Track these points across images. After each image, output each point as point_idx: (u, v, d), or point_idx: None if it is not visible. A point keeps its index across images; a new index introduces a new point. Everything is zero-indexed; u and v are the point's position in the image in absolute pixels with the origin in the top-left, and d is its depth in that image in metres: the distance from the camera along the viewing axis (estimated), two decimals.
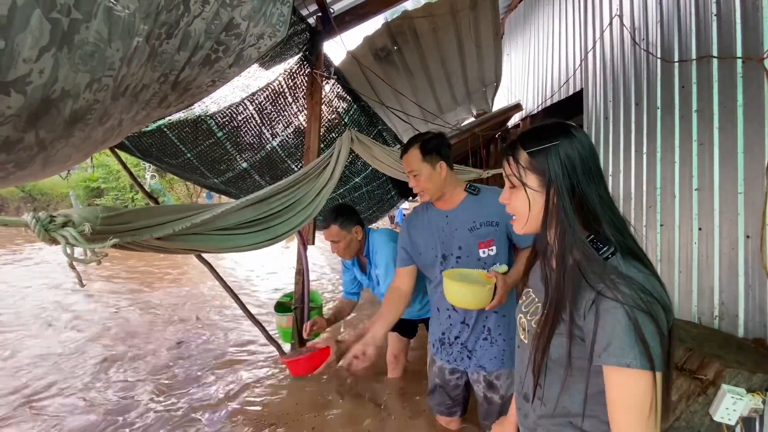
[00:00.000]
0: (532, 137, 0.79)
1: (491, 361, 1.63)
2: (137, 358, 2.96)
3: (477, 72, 4.52)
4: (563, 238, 0.75)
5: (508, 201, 0.84)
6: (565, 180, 0.74)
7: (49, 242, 0.54)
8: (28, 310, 4.12)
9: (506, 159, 0.82)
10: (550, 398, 0.80)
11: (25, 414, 2.18)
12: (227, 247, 1.01)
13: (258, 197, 1.13)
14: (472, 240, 1.56)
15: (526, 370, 0.86)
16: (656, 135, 2.31)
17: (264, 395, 2.47)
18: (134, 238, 0.72)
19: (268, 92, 2.74)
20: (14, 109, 0.92)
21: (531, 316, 0.86)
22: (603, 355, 0.68)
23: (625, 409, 0.67)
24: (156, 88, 1.50)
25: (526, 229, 0.82)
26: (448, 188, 1.62)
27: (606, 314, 0.68)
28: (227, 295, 2.60)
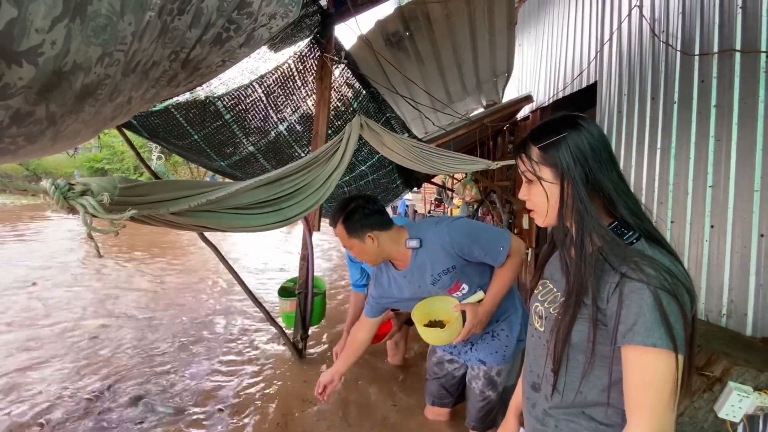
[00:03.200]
0: (541, 132, 0.81)
1: (492, 355, 1.61)
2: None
3: (489, 61, 4.44)
4: (581, 226, 0.75)
5: (527, 196, 0.85)
6: (578, 169, 0.75)
7: (67, 211, 0.53)
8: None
9: (519, 157, 0.84)
10: (566, 387, 0.79)
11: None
12: (239, 226, 1.01)
13: (269, 178, 1.12)
14: (440, 291, 1.53)
15: (540, 359, 0.86)
16: (671, 130, 2.27)
17: (268, 378, 2.50)
18: (150, 212, 0.72)
19: (277, 75, 2.71)
20: (26, 80, 0.90)
21: (549, 304, 0.85)
22: (628, 335, 0.67)
23: (646, 390, 0.66)
24: (166, 65, 1.48)
25: (547, 221, 0.83)
26: (392, 251, 1.53)
27: (632, 295, 0.67)
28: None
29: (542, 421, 0.86)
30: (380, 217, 1.51)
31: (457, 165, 2.45)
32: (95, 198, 0.52)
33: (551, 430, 0.83)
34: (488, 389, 1.62)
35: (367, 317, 1.71)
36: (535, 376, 0.89)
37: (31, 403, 2.07)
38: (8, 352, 2.64)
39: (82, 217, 0.52)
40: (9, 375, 2.34)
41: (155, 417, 2.02)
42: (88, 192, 0.53)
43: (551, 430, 0.83)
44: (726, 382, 1.31)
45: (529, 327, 0.95)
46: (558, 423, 0.82)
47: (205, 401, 2.20)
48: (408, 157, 2.24)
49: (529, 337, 0.94)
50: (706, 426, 1.38)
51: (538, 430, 0.87)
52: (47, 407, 2.05)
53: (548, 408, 0.84)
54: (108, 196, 0.53)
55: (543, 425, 0.85)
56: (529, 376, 0.92)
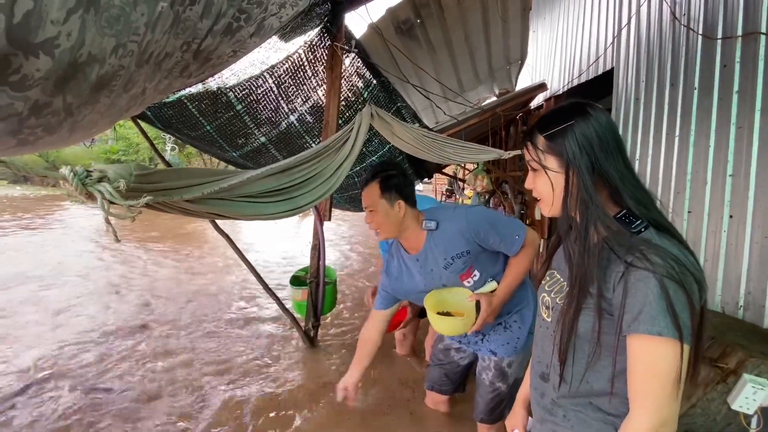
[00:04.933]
0: (547, 121, 0.80)
1: (504, 347, 1.60)
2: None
3: (502, 48, 4.36)
4: (585, 215, 0.75)
5: (533, 185, 0.84)
6: (583, 158, 0.74)
7: (85, 197, 0.55)
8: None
9: (525, 145, 0.83)
10: (573, 377, 0.79)
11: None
12: (251, 214, 1.02)
13: (281, 167, 1.13)
14: (452, 276, 1.52)
15: (548, 349, 0.86)
16: (691, 117, 2.20)
17: (280, 366, 2.55)
18: (165, 198, 0.74)
19: (288, 65, 2.71)
20: (43, 72, 0.92)
21: (555, 294, 0.85)
22: (633, 324, 0.67)
23: (650, 379, 0.66)
24: (178, 56, 1.50)
25: (552, 210, 0.82)
26: (410, 229, 1.54)
27: (637, 284, 0.67)
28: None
29: (550, 411, 0.86)
30: (412, 192, 1.54)
31: (469, 155, 2.43)
32: (112, 184, 0.54)
33: (559, 419, 0.84)
34: (498, 380, 1.61)
35: (378, 310, 1.70)
36: (543, 366, 0.89)
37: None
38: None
39: (100, 203, 0.54)
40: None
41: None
42: (104, 179, 0.55)
43: (560, 420, 0.84)
44: (741, 374, 1.29)
45: (537, 317, 0.95)
46: (566, 413, 0.82)
47: (218, 386, 2.26)
48: (419, 146, 2.23)
49: (537, 328, 0.93)
50: (718, 418, 1.36)
51: (547, 420, 0.87)
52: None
53: (556, 398, 0.84)
54: (124, 183, 0.54)
55: (551, 415, 0.85)
56: (537, 367, 0.92)
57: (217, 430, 1.89)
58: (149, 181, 0.64)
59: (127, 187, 0.55)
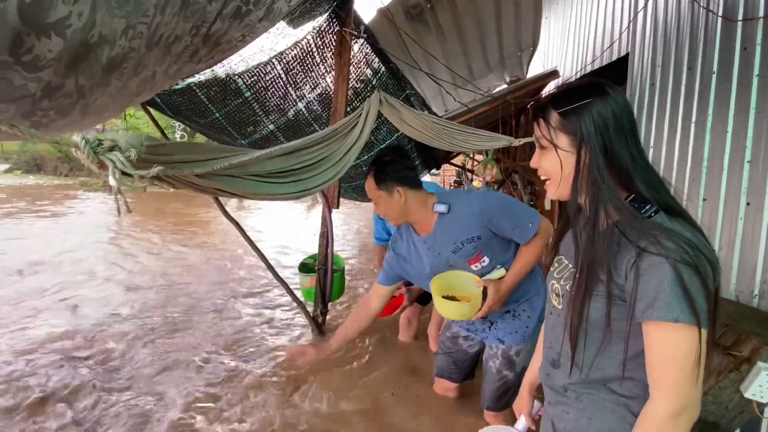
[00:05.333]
0: (563, 97, 0.76)
1: (511, 335, 1.58)
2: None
3: (513, 34, 4.27)
4: (596, 198, 0.72)
5: (538, 164, 0.82)
6: (597, 139, 0.72)
7: (97, 165, 0.56)
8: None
9: (536, 121, 0.79)
10: (585, 362, 0.79)
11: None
12: (261, 193, 1.03)
13: (290, 148, 1.14)
14: (460, 260, 1.50)
15: (559, 336, 0.85)
16: (709, 102, 2.14)
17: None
18: (175, 172, 0.74)
19: (296, 51, 2.69)
20: (55, 52, 0.93)
21: (565, 281, 0.84)
22: (647, 312, 0.66)
23: (669, 365, 0.66)
24: (188, 40, 1.49)
25: (559, 192, 0.80)
26: (417, 212, 1.52)
27: (651, 270, 0.65)
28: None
29: (562, 393, 0.86)
30: (411, 174, 1.51)
31: (479, 142, 2.40)
32: (123, 154, 0.54)
33: (572, 401, 0.84)
34: (506, 369, 1.61)
35: (379, 284, 1.70)
36: (554, 353, 0.88)
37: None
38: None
39: (111, 172, 0.55)
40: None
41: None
42: (116, 148, 0.55)
43: (572, 401, 0.84)
44: (755, 362, 1.27)
45: (546, 305, 0.94)
46: (579, 395, 0.82)
47: (226, 372, 2.30)
48: (428, 133, 2.21)
49: (548, 315, 0.93)
50: (730, 406, 1.35)
51: (559, 402, 0.87)
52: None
53: (568, 383, 0.84)
54: (135, 153, 0.55)
55: (563, 397, 0.86)
56: (548, 353, 0.91)
57: (222, 403, 1.93)
58: (160, 152, 0.65)
59: (138, 157, 0.55)
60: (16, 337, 2.58)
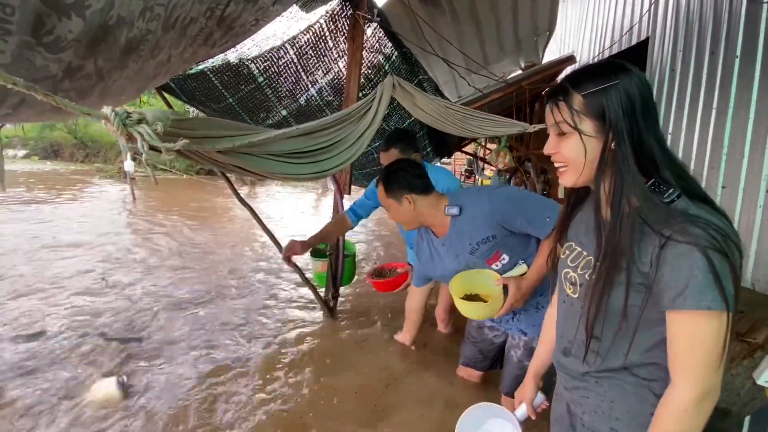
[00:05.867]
0: (586, 77, 0.72)
1: (534, 327, 1.58)
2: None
3: (529, 18, 4.17)
4: (620, 186, 0.70)
5: (555, 150, 0.76)
6: (625, 122, 0.68)
7: (125, 137, 0.58)
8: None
9: (554, 105, 0.74)
10: (603, 350, 0.78)
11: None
12: (278, 172, 1.05)
13: (306, 129, 1.15)
14: (478, 260, 1.49)
15: (572, 325, 0.84)
16: (731, 88, 2.08)
17: (301, 334, 2.64)
18: (198, 147, 0.76)
19: (309, 36, 2.68)
20: (75, 33, 0.95)
21: (582, 269, 0.82)
22: (678, 300, 0.65)
23: (695, 351, 0.65)
24: (203, 23, 1.50)
25: (581, 179, 0.76)
26: (429, 217, 1.53)
27: (680, 258, 0.64)
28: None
29: (580, 379, 0.85)
30: (420, 182, 1.51)
31: (493, 127, 2.38)
32: (151, 127, 0.56)
33: (591, 386, 0.83)
34: (527, 359, 1.60)
35: (414, 287, 1.80)
36: (566, 341, 0.87)
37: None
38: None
39: (140, 144, 0.57)
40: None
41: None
42: (143, 120, 0.57)
43: (591, 386, 0.83)
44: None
45: (559, 293, 0.92)
46: (599, 380, 0.81)
47: (238, 356, 2.36)
48: (441, 118, 2.19)
49: (561, 303, 0.91)
50: (741, 393, 1.35)
51: (578, 386, 0.86)
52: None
53: (587, 371, 0.83)
54: (161, 126, 0.56)
55: (582, 381, 0.85)
56: (559, 341, 0.90)
57: (233, 380, 1.99)
58: (185, 127, 0.66)
59: (165, 130, 0.57)
60: (65, 314, 2.69)
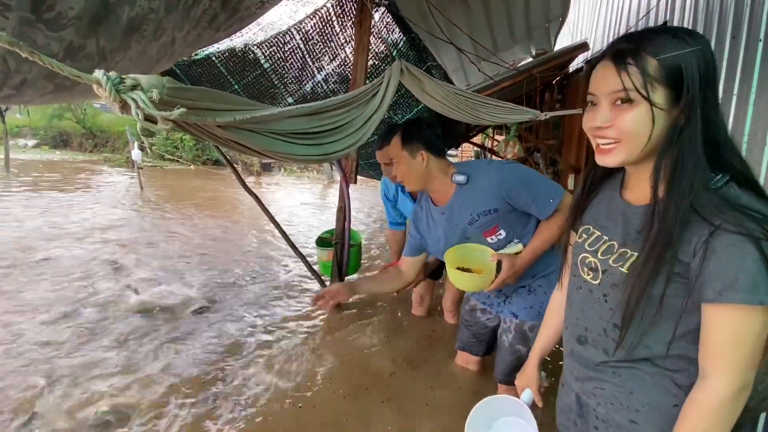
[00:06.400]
0: (658, 41, 0.63)
1: (526, 310, 1.57)
2: None
3: (541, 4, 4.05)
4: (682, 167, 0.63)
5: (610, 123, 0.66)
6: (701, 95, 0.62)
7: (119, 104, 0.55)
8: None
9: (623, 68, 0.63)
10: (629, 340, 0.74)
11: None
12: (281, 152, 1.02)
13: (311, 109, 1.12)
14: (476, 232, 1.48)
15: (592, 313, 0.81)
16: (753, 73, 2.00)
17: (306, 323, 2.64)
18: (197, 119, 0.73)
19: (315, 20, 2.62)
20: (76, 10, 0.92)
21: (604, 255, 0.78)
22: (728, 293, 0.61)
23: (736, 346, 0.63)
24: (207, 4, 1.46)
25: (632, 157, 0.67)
26: (436, 181, 1.51)
27: (731, 248, 0.60)
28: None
29: (595, 368, 0.82)
30: (438, 143, 1.52)
31: (503, 115, 2.31)
32: (146, 93, 0.53)
33: (608, 376, 0.80)
34: (519, 343, 1.59)
35: (405, 256, 1.73)
36: (581, 329, 0.84)
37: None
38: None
39: (134, 112, 0.54)
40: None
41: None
42: (138, 87, 0.54)
43: (608, 377, 0.80)
44: None
45: (572, 278, 0.89)
46: (617, 370, 0.79)
47: (239, 343, 2.36)
48: (450, 105, 2.13)
49: (575, 289, 0.86)
50: (760, 388, 1.30)
51: (591, 377, 0.83)
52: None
53: (606, 360, 0.80)
54: (157, 93, 0.54)
55: (598, 372, 0.82)
56: (574, 329, 0.86)
57: (239, 365, 2.00)
58: (183, 97, 0.63)
59: (160, 99, 0.54)
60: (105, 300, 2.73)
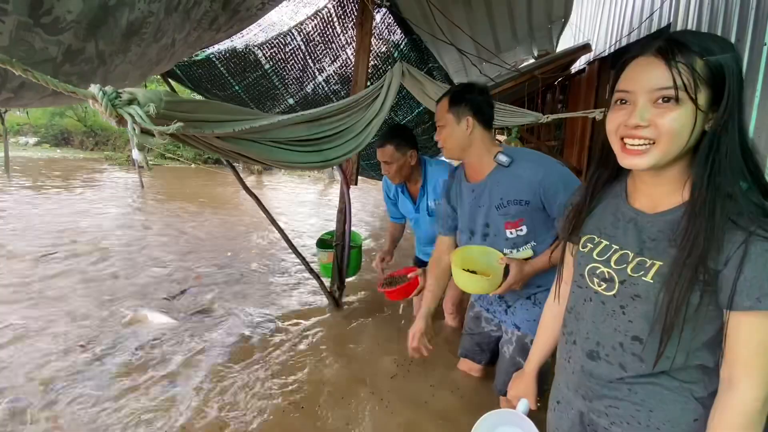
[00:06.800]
0: (704, 42, 0.62)
1: (528, 323, 1.51)
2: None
3: (544, 4, 4.03)
4: (725, 173, 0.63)
5: (647, 122, 0.65)
6: (736, 100, 0.62)
7: (115, 119, 0.54)
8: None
9: (674, 65, 0.62)
10: (647, 354, 0.73)
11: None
12: (280, 160, 1.01)
13: (311, 115, 1.11)
14: (499, 219, 1.41)
15: (605, 326, 0.79)
16: (757, 77, 1.99)
17: (306, 324, 2.64)
18: (195, 131, 0.72)
19: (316, 22, 2.61)
20: (74, 14, 0.91)
21: (619, 264, 0.76)
22: (765, 300, 0.61)
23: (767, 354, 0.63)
24: (207, 5, 1.45)
25: (668, 159, 0.66)
26: (476, 153, 1.42)
27: (766, 255, 0.60)
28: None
29: (608, 386, 0.80)
30: (489, 112, 1.43)
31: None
32: (142, 108, 0.52)
33: (623, 394, 0.78)
34: (519, 356, 1.54)
35: (444, 236, 1.66)
36: (592, 344, 0.81)
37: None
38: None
39: (130, 127, 0.53)
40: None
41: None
42: (135, 101, 0.53)
43: (623, 395, 0.78)
44: None
45: (577, 290, 0.85)
46: (632, 387, 0.77)
47: (238, 344, 2.36)
48: None
49: (584, 302, 0.83)
50: None
51: (603, 395, 0.81)
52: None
53: (623, 377, 0.77)
54: (154, 108, 0.53)
55: (611, 390, 0.79)
56: (584, 344, 0.83)
57: (242, 366, 1.99)
58: (180, 109, 0.63)
59: (157, 113, 0.54)
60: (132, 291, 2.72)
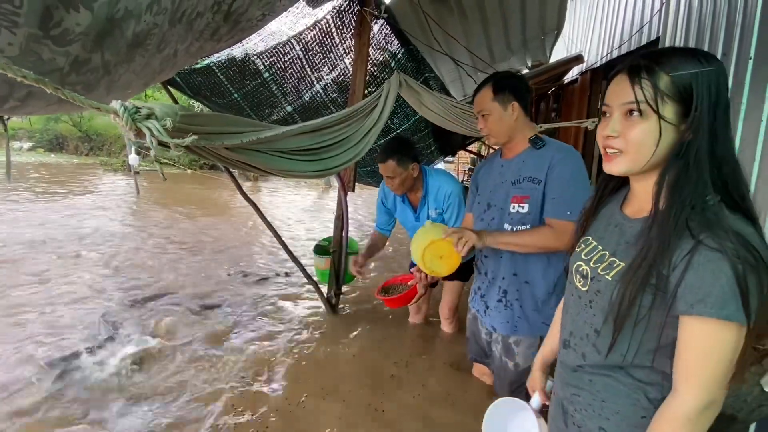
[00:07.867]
0: (674, 59, 0.66)
1: (503, 324, 1.55)
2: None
3: (537, 17, 4.12)
4: (686, 181, 0.66)
5: (619, 134, 0.70)
6: (710, 115, 0.65)
7: (134, 132, 0.57)
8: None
9: (637, 82, 0.67)
10: (607, 348, 0.77)
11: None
12: (284, 170, 1.04)
13: (313, 126, 1.14)
14: (509, 191, 1.46)
15: (577, 318, 0.84)
16: (744, 89, 2.05)
17: (303, 330, 2.64)
18: (206, 143, 0.75)
19: (315, 32, 2.66)
20: (83, 26, 0.94)
21: (596, 264, 0.81)
22: (698, 306, 0.63)
23: (705, 361, 0.65)
24: (209, 17, 1.49)
25: (640, 167, 0.70)
26: (520, 135, 1.47)
27: (707, 264, 0.63)
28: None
29: (573, 374, 0.86)
30: (528, 97, 1.49)
31: None
32: (160, 122, 0.55)
33: (584, 384, 0.83)
34: (505, 355, 1.57)
35: (470, 212, 1.69)
36: (566, 333, 0.88)
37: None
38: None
39: (148, 140, 0.56)
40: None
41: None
42: (152, 116, 0.56)
43: (584, 385, 0.83)
44: None
45: (568, 286, 0.91)
46: (592, 378, 0.82)
47: (235, 350, 2.36)
48: (447, 117, 2.17)
49: (568, 295, 0.90)
50: (749, 399, 1.33)
51: (570, 383, 0.87)
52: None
53: (583, 365, 0.83)
54: (170, 121, 0.56)
55: (575, 380, 0.86)
56: (562, 333, 0.91)
57: (241, 374, 1.99)
58: (193, 123, 0.65)
59: (173, 126, 0.56)
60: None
